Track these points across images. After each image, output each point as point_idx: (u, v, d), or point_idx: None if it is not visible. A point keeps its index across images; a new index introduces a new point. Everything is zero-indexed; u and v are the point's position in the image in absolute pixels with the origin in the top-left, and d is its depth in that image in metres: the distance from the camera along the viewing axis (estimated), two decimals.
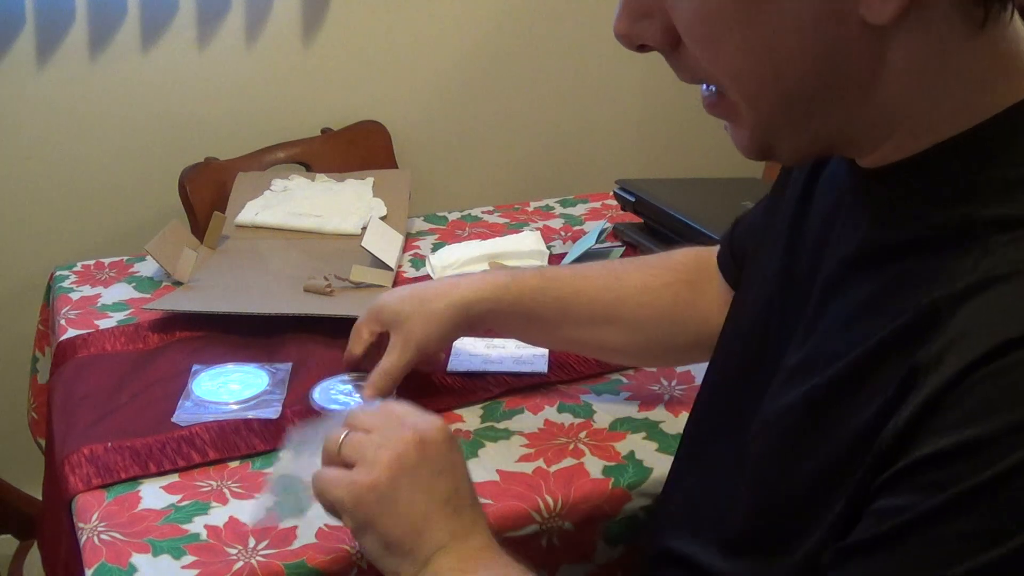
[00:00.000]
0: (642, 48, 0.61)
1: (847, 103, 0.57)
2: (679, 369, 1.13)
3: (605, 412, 1.06)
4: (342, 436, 0.75)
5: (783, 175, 0.81)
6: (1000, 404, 0.50)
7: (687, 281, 1.00)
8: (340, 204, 1.48)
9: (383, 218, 1.44)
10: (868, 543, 0.54)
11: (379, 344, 1.02)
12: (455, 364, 1.12)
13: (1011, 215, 0.54)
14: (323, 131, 1.97)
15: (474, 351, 1.15)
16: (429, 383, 1.08)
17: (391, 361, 0.98)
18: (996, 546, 0.49)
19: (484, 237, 1.44)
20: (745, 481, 0.67)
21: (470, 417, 1.05)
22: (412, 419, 0.75)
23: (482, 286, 0.99)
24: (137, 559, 0.85)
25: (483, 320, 1.00)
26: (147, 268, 1.36)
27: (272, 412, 1.04)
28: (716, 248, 0.99)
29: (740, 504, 0.68)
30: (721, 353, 0.81)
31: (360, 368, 1.04)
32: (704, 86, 0.61)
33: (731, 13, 0.55)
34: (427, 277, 1.34)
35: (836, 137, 0.60)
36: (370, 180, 1.55)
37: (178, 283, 1.29)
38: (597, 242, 1.36)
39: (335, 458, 0.75)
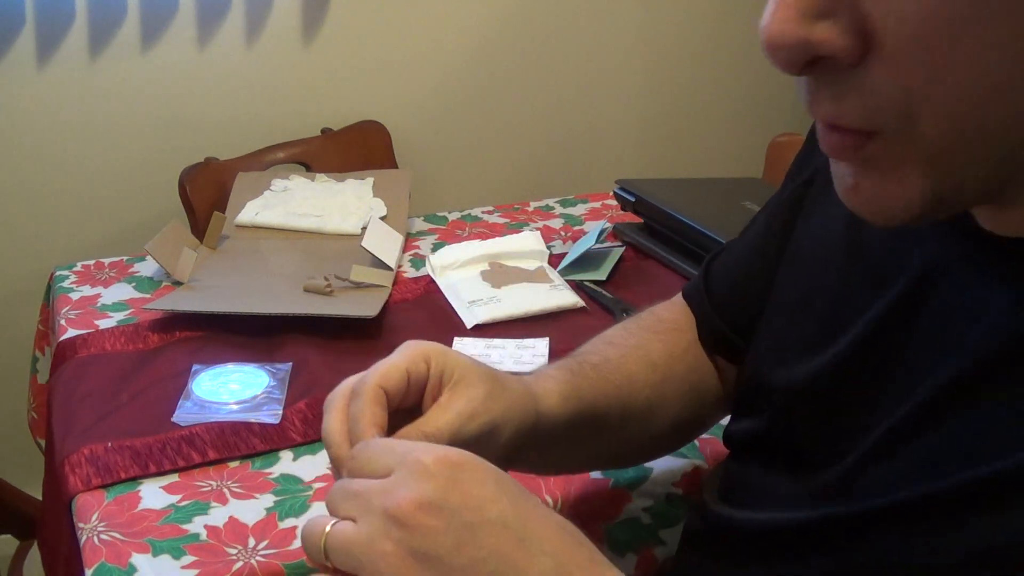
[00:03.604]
0: (809, 67, 0.43)
1: None
2: None
3: None
4: (325, 529, 0.51)
5: (774, 205, 0.73)
6: None
7: (690, 342, 0.84)
8: (340, 204, 1.48)
9: (383, 218, 1.44)
10: None
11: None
12: None
13: None
14: (323, 131, 1.97)
15: (474, 351, 1.15)
16: None
17: (442, 422, 0.63)
18: None
19: (484, 237, 1.44)
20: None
21: None
22: (403, 479, 0.50)
23: (544, 379, 0.73)
24: (137, 559, 0.85)
25: (543, 424, 0.70)
26: (147, 268, 1.36)
27: (272, 414, 1.04)
28: (675, 300, 0.87)
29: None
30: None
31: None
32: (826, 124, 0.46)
33: (978, 3, 0.39)
34: (427, 277, 1.34)
35: (997, 184, 0.45)
36: (370, 180, 1.55)
37: (178, 283, 1.29)
38: (597, 242, 1.36)
39: (325, 564, 0.51)
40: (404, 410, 0.64)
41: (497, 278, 1.32)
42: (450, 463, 0.50)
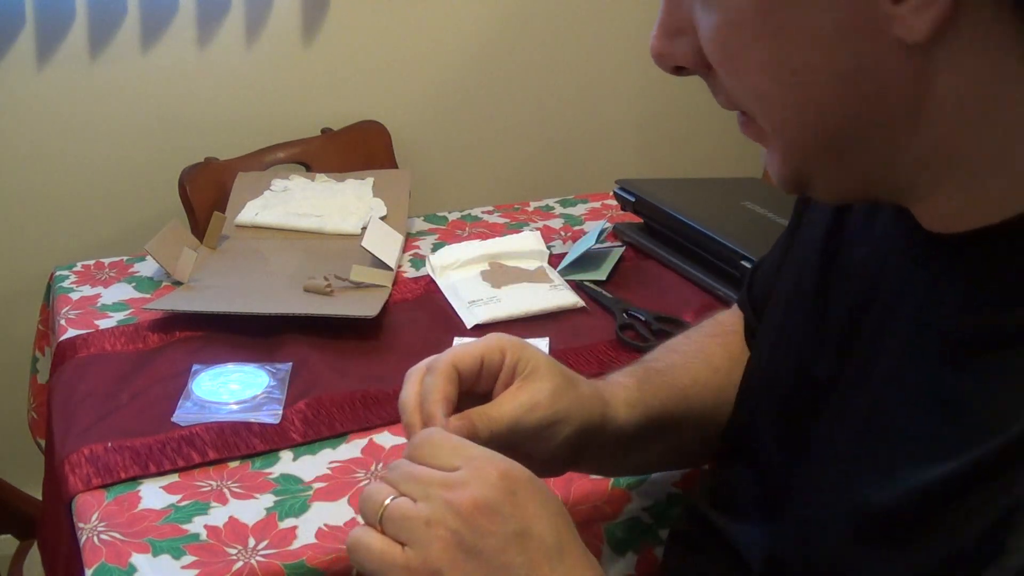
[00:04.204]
0: (679, 70, 0.55)
1: (891, 138, 0.50)
2: None
3: None
4: (386, 500, 0.56)
5: (798, 207, 0.76)
6: None
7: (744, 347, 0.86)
8: (340, 204, 1.48)
9: (383, 218, 1.44)
10: None
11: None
12: None
13: None
14: (323, 131, 1.97)
15: None
16: None
17: (505, 408, 0.67)
18: None
19: (484, 237, 1.44)
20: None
21: None
22: (468, 479, 0.55)
23: (613, 385, 0.76)
24: (137, 559, 0.85)
25: (608, 427, 0.74)
26: (147, 268, 1.36)
27: (272, 414, 1.04)
28: (734, 306, 0.90)
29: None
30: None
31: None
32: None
33: (749, 28, 0.50)
34: (427, 277, 1.34)
35: (880, 178, 0.53)
36: (370, 180, 1.55)
37: (178, 283, 1.29)
38: (597, 242, 1.36)
39: (377, 526, 0.56)
40: (477, 395, 0.69)
41: (497, 278, 1.32)
42: (512, 478, 0.56)
